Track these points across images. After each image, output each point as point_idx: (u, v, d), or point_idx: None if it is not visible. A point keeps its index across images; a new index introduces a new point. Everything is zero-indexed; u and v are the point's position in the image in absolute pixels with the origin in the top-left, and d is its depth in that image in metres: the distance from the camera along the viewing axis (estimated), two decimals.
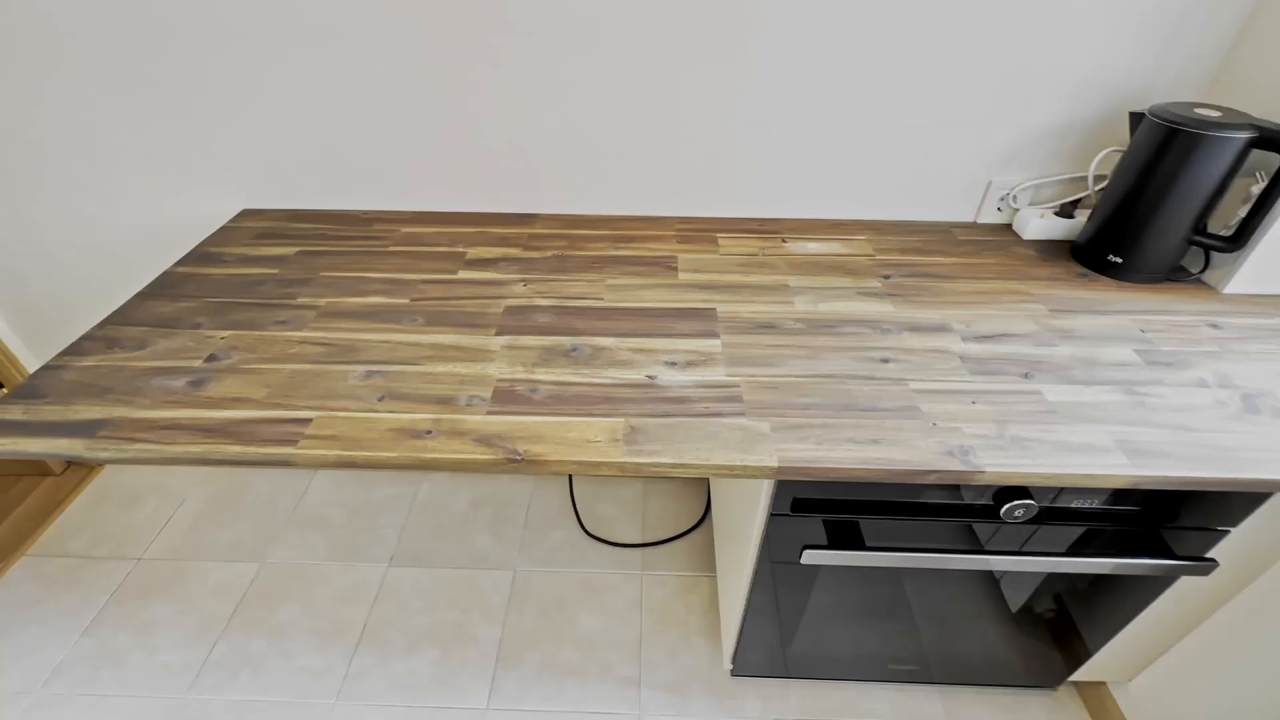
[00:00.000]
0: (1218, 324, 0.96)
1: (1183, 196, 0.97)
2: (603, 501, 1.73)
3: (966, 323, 0.97)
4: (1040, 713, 1.29)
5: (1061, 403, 0.82)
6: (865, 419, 0.79)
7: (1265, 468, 0.73)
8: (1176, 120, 0.94)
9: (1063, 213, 1.18)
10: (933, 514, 0.88)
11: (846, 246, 1.17)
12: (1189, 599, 1.00)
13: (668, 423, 0.79)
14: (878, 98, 1.12)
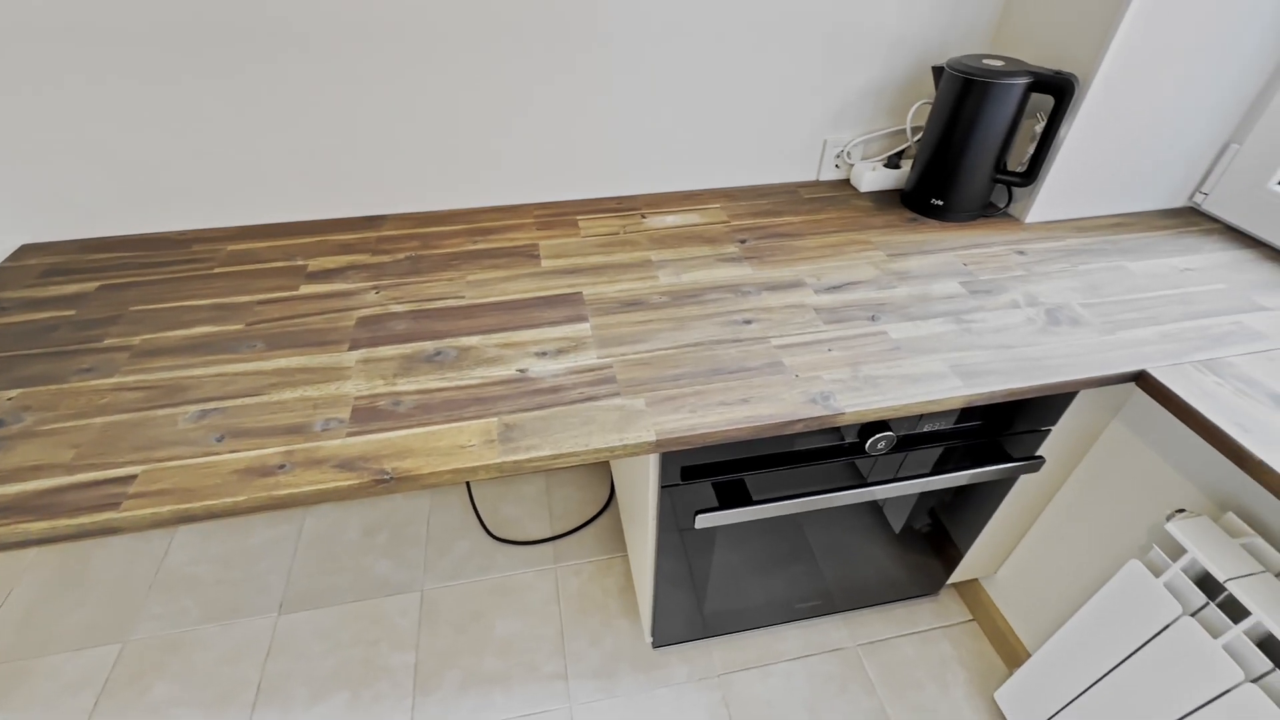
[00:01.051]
0: (1023, 250, 1.09)
1: (983, 140, 1.08)
2: (506, 502, 1.69)
3: (817, 276, 1.02)
4: (929, 617, 1.43)
5: (904, 339, 0.89)
6: (734, 381, 0.82)
7: (1068, 370, 0.84)
8: (969, 71, 1.04)
9: (890, 164, 1.27)
10: (809, 459, 0.93)
11: (703, 216, 1.20)
12: (1029, 494, 1.14)
13: (543, 415, 0.77)
14: (716, 69, 1.15)
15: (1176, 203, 1.20)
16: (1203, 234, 1.13)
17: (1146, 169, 1.13)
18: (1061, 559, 1.15)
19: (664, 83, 1.14)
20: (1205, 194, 1.17)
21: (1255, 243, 1.10)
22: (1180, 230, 1.14)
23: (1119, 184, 1.15)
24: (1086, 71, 1.01)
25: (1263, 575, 0.76)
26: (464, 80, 1.08)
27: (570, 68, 1.10)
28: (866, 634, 1.40)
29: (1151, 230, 1.14)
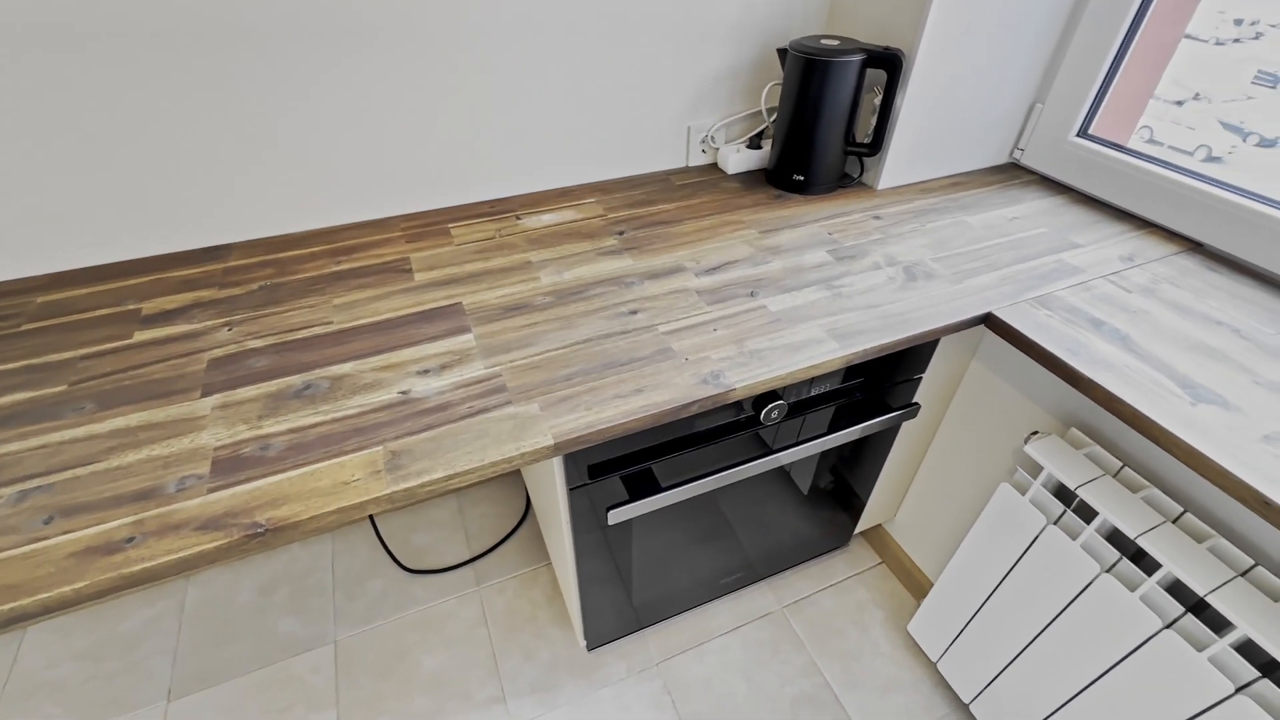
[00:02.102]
0: (879, 215, 1.17)
1: (830, 115, 1.15)
2: (417, 531, 1.61)
3: (696, 259, 1.04)
4: (843, 567, 1.52)
5: (782, 310, 0.93)
6: (626, 372, 0.82)
7: (928, 321, 0.91)
8: (809, 52, 1.10)
9: (752, 145, 1.32)
10: (711, 437, 0.95)
11: (579, 211, 1.19)
12: (912, 439, 1.23)
13: (433, 435, 0.73)
14: (573, 62, 1.13)
15: (1000, 159, 1.34)
16: (1024, 185, 1.26)
17: (972, 131, 1.25)
18: (947, 493, 1.26)
19: (522, 79, 1.12)
20: (1022, 150, 1.31)
21: (1065, 189, 1.25)
22: (1005, 184, 1.27)
23: (952, 147, 1.26)
24: (911, 46, 1.09)
25: (1104, 479, 0.87)
26: (304, 89, 0.99)
27: (420, 68, 1.04)
28: (790, 594, 1.46)
29: (983, 186, 1.26)
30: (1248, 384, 0.80)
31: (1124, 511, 0.83)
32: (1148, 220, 1.13)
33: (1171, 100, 4.31)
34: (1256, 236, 0.99)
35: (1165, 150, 1.17)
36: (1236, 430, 0.74)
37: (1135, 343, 0.87)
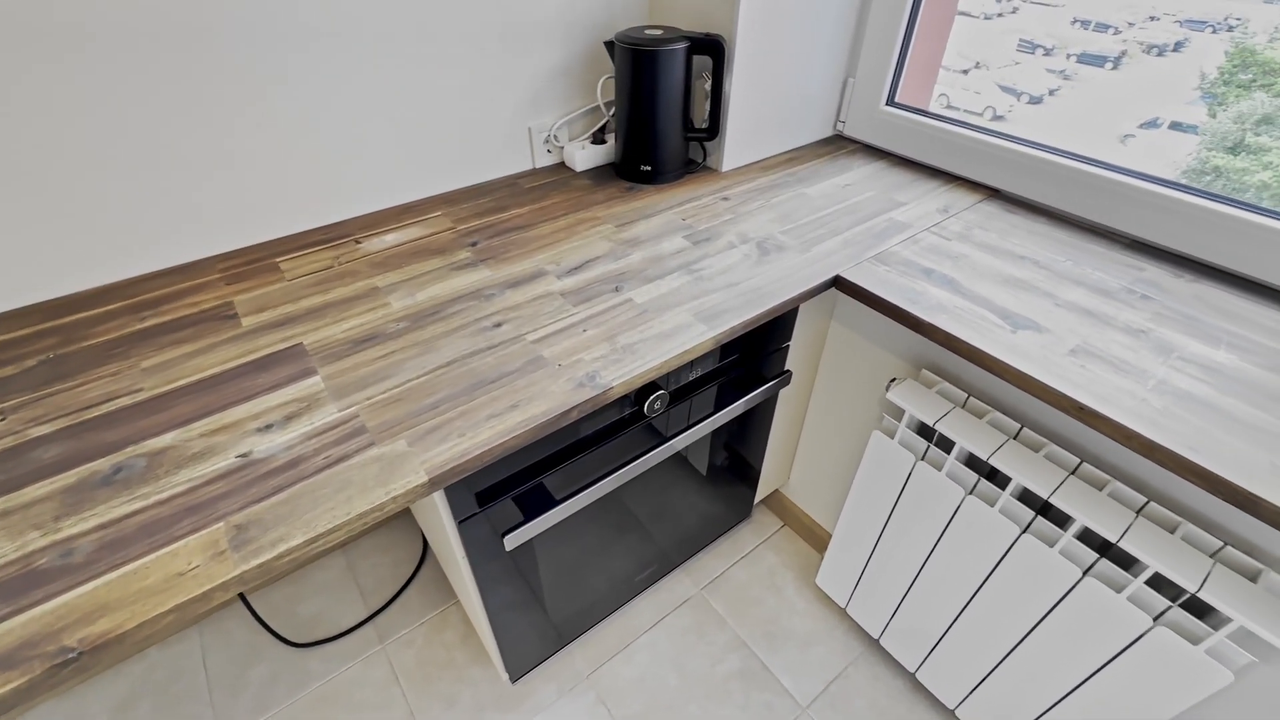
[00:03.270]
0: (727, 196, 1.21)
1: (665, 103, 1.16)
2: (302, 600, 1.45)
3: (556, 261, 1.02)
4: (750, 538, 1.57)
5: (648, 301, 0.93)
6: (498, 389, 0.77)
7: (786, 291, 0.95)
8: (635, 43, 1.11)
9: (597, 140, 1.32)
10: (600, 439, 0.93)
11: (425, 227, 1.12)
12: (791, 404, 1.29)
13: (285, 497, 0.65)
14: (403, 75, 1.06)
15: (827, 132, 1.44)
16: (850, 154, 1.36)
17: (798, 108, 1.33)
18: (830, 449, 1.33)
19: (334, 92, 1.02)
20: (843, 122, 1.41)
21: (884, 154, 1.36)
22: (834, 155, 1.36)
23: (783, 125, 1.33)
24: (730, 32, 1.13)
25: (955, 411, 0.95)
26: (74, 118, 0.84)
27: (217, 88, 0.92)
28: (706, 575, 1.49)
29: (816, 159, 1.35)
30: (1051, 307, 0.91)
31: (975, 437, 0.91)
32: (954, 174, 1.26)
33: (959, 70, 4.88)
34: (1040, 179, 1.13)
35: (961, 113, 1.31)
36: (1049, 349, 0.84)
37: (961, 285, 0.96)
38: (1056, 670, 0.93)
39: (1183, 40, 4.55)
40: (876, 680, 1.30)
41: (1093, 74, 4.89)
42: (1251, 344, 0.84)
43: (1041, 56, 4.99)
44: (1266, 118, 3.48)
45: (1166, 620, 0.79)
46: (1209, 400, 0.76)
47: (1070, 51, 4.92)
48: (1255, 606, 0.70)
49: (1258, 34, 3.46)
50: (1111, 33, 4.84)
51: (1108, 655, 0.85)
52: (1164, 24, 4.58)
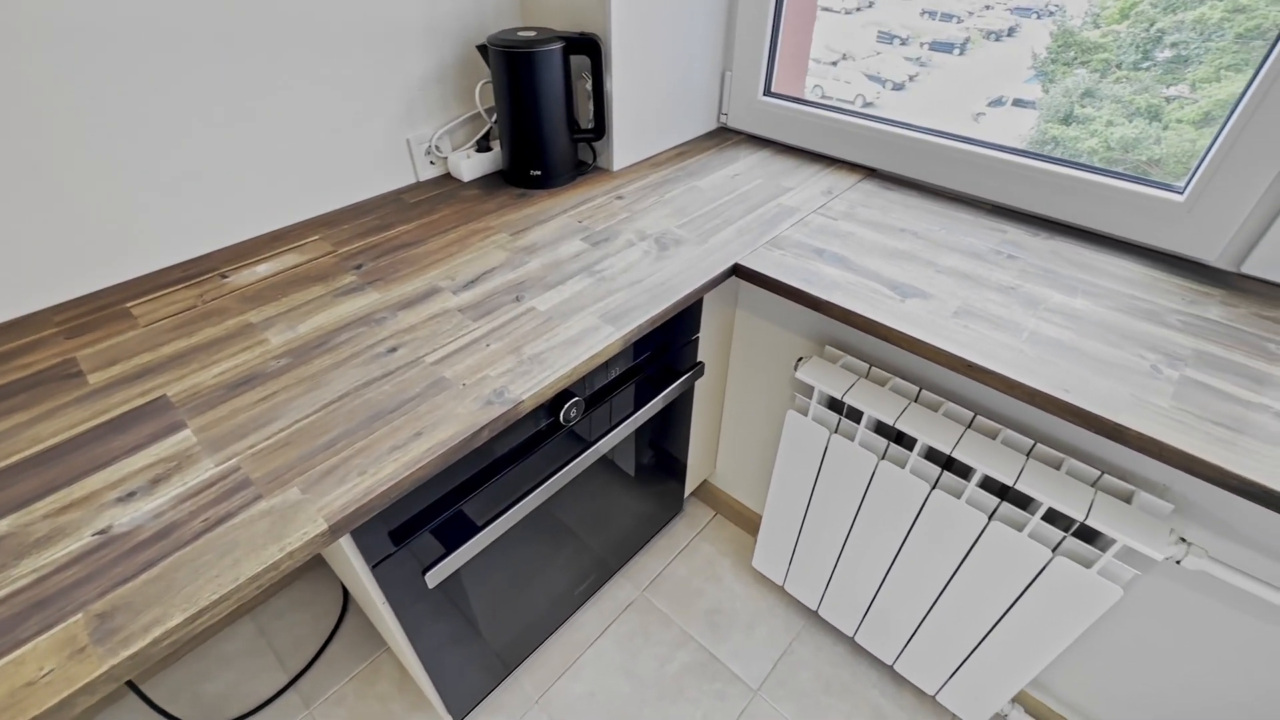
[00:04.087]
0: (621, 195, 1.20)
1: (547, 106, 1.14)
2: (208, 678, 1.30)
3: (451, 276, 0.97)
4: (685, 531, 1.58)
5: (552, 308, 0.90)
6: (399, 418, 0.72)
7: (688, 283, 0.95)
8: (509, 45, 1.07)
9: (482, 148, 1.27)
10: (518, 456, 0.90)
11: (302, 253, 1.03)
12: (708, 394, 1.31)
13: (157, 573, 0.57)
14: (270, 92, 0.97)
15: (711, 125, 1.47)
16: (736, 145, 1.40)
17: (682, 103, 1.34)
18: (751, 433, 1.36)
19: (211, 121, 0.92)
20: (726, 114, 1.45)
21: (767, 142, 1.40)
22: (721, 146, 1.39)
23: (668, 120, 1.34)
24: (605, 30, 1.13)
25: (860, 382, 1.00)
26: None
27: (31, 105, 0.80)
28: (646, 576, 1.48)
29: (703, 152, 1.37)
30: (933, 274, 0.97)
31: (880, 404, 0.96)
32: (834, 157, 1.32)
33: (828, 62, 5.14)
34: (910, 157, 1.21)
35: (835, 101, 1.37)
36: (935, 313, 0.89)
37: (851, 261, 1.00)
38: (977, 612, 1.00)
39: (1015, 26, 5.04)
40: (820, 650, 1.35)
41: (944, 60, 5.32)
42: (1102, 290, 0.93)
43: (899, 46, 5.38)
44: (1089, 91, 3.91)
45: (1063, 550, 0.86)
46: (1074, 345, 0.83)
47: (923, 41, 5.33)
48: (1133, 525, 0.78)
49: (1075, 17, 3.88)
50: (955, 22, 5.28)
51: (1018, 590, 0.92)
52: (998, 12, 5.04)
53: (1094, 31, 3.92)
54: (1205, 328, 0.85)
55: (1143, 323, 0.87)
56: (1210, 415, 0.72)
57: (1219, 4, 3.34)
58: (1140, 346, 0.82)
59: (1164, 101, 3.39)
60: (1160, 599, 0.90)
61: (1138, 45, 3.72)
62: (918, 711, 1.24)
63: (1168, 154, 3.46)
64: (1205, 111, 3.83)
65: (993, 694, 1.06)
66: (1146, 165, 3.42)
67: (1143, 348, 0.82)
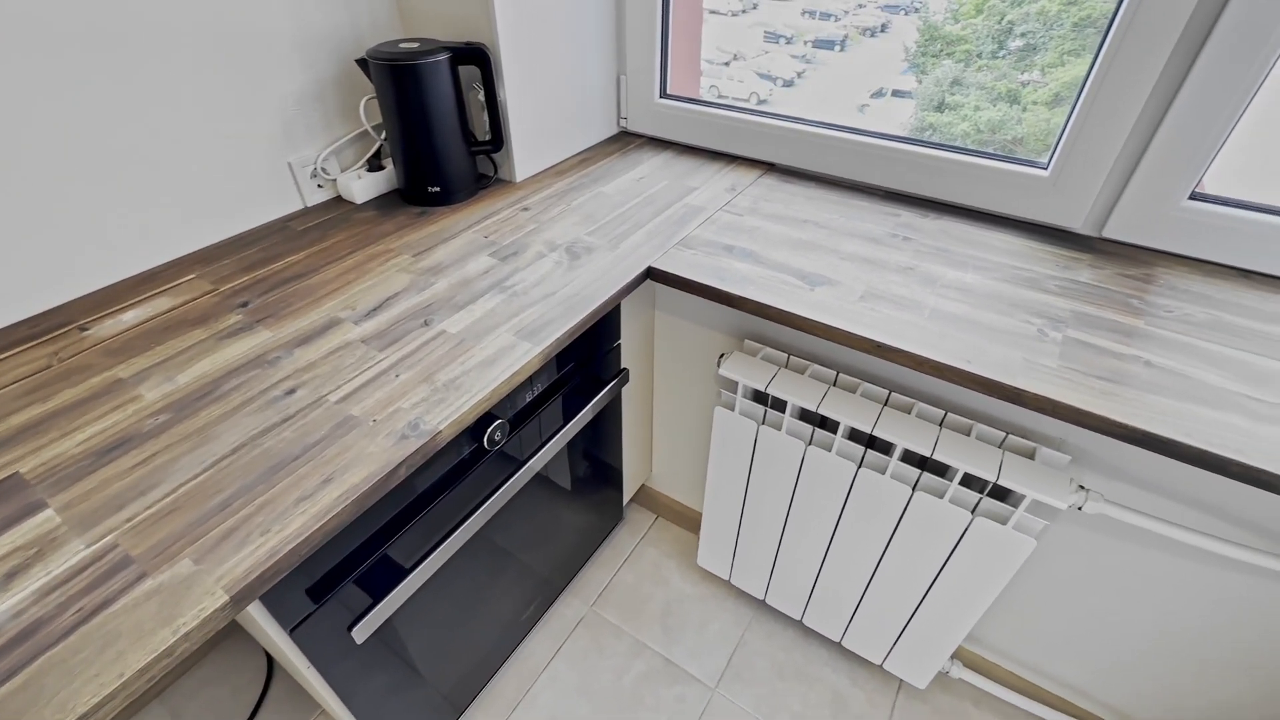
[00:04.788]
0: (526, 206, 1.17)
1: (439, 119, 1.09)
2: None
3: (351, 306, 0.91)
4: (628, 539, 1.56)
5: (464, 329, 0.86)
6: (303, 466, 0.66)
7: (603, 291, 0.93)
8: (391, 58, 1.02)
9: (373, 167, 1.20)
10: (443, 487, 0.85)
11: (176, 295, 0.93)
12: (636, 399, 1.30)
13: (20, 682, 0.49)
14: (120, 121, 0.87)
15: (612, 130, 1.46)
16: (638, 148, 1.40)
17: (580, 109, 1.33)
18: (683, 433, 1.36)
19: (15, 145, 0.81)
20: (625, 118, 1.45)
21: (668, 144, 1.41)
22: (624, 151, 1.39)
23: (568, 127, 1.32)
24: (492, 40, 1.09)
25: (781, 372, 1.02)
26: None
27: None
28: (593, 589, 1.45)
29: (606, 157, 1.36)
30: (837, 261, 1.01)
31: (801, 392, 0.98)
32: (734, 155, 1.35)
33: (720, 63, 5.28)
34: (805, 150, 1.25)
35: (730, 100, 1.40)
36: (842, 299, 0.92)
37: (760, 255, 1.02)
38: (911, 580, 1.04)
39: (886, 23, 5.36)
40: (771, 637, 1.37)
41: (828, 56, 5.60)
42: (988, 263, 1.00)
43: (785, 45, 5.63)
44: (956, 80, 4.19)
45: (981, 511, 0.91)
46: (970, 317, 0.88)
47: (806, 39, 5.59)
48: (1038, 480, 0.84)
49: (937, 13, 4.15)
50: (834, 20, 5.57)
51: (945, 554, 0.96)
52: (870, 9, 5.35)
53: (955, 25, 4.24)
54: (1079, 290, 0.93)
55: (1026, 290, 0.93)
56: (1092, 370, 0.78)
57: None
58: (1026, 313, 0.89)
59: (1020, 86, 3.72)
60: (1068, 544, 0.97)
61: (993, 36, 4.06)
62: (868, 682, 1.29)
63: (1028, 133, 3.79)
64: (1055, 93, 4.21)
65: (933, 654, 1.12)
66: (1012, 144, 3.73)
67: (1029, 314, 0.88)
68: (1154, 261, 0.99)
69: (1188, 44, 0.87)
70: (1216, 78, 0.85)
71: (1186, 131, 0.90)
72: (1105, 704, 1.13)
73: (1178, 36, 0.86)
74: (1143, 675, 1.04)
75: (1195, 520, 0.84)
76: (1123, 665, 1.05)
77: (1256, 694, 0.95)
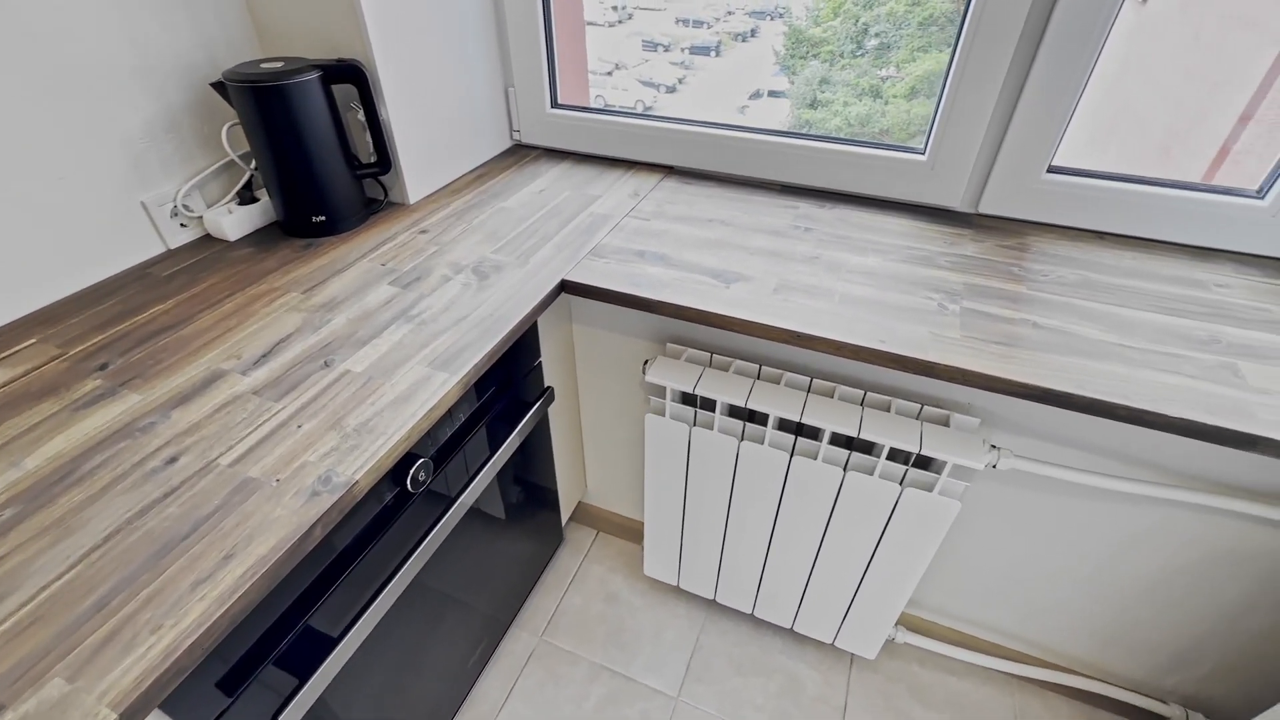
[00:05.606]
0: (425, 228, 1.11)
1: (316, 143, 1.01)
2: None
3: (236, 355, 0.81)
4: (570, 559, 1.52)
5: (370, 366, 0.79)
6: (196, 544, 0.58)
7: (517, 309, 0.90)
8: (251, 79, 0.93)
9: (245, 200, 1.10)
10: (367, 540, 0.78)
11: (15, 365, 0.80)
12: (564, 417, 1.26)
13: None
14: None
15: (506, 143, 1.42)
16: (535, 161, 1.37)
17: (470, 124, 1.28)
18: (615, 444, 1.34)
19: None
20: (519, 130, 1.41)
21: (566, 154, 1.39)
22: (521, 164, 1.35)
23: (460, 143, 1.27)
24: (367, 56, 1.03)
25: (706, 372, 1.02)
26: None
27: None
28: (541, 618, 1.40)
29: (504, 171, 1.32)
30: (746, 256, 1.02)
31: (728, 389, 0.98)
32: (633, 160, 1.35)
33: (603, 72, 5.36)
34: (700, 150, 1.27)
35: (619, 108, 1.40)
36: (757, 293, 0.93)
37: (672, 258, 1.02)
38: (852, 558, 1.07)
39: (755, 28, 5.62)
40: (725, 634, 1.37)
41: (705, 62, 5.79)
42: (885, 246, 1.05)
43: (663, 53, 5.76)
44: (824, 78, 4.44)
45: (908, 482, 0.95)
46: (876, 299, 0.92)
47: (683, 46, 5.75)
48: (955, 445, 0.88)
49: (799, 18, 4.40)
50: (706, 28, 5.78)
51: (880, 528, 1.00)
52: (739, 16, 5.59)
53: (816, 28, 4.54)
54: (967, 263, 1.00)
55: (922, 268, 0.99)
56: (990, 337, 0.84)
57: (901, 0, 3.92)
58: (926, 289, 0.94)
59: (881, 81, 4.02)
60: (988, 501, 1.03)
61: (851, 37, 4.38)
62: (822, 662, 1.32)
63: (892, 124, 4.11)
64: (911, 87, 4.57)
65: (879, 625, 1.16)
66: (880, 135, 4.02)
67: (928, 290, 0.94)
68: (1025, 231, 1.08)
69: (1029, 38, 0.95)
70: (1056, 64, 0.95)
71: (1038, 113, 0.99)
72: (1035, 643, 1.22)
73: (1019, 32, 0.95)
74: (1064, 611, 1.13)
75: (1094, 463, 0.92)
76: (1046, 605, 1.14)
77: (1157, 614, 1.05)
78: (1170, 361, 0.80)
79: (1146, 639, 1.10)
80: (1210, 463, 0.86)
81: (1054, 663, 1.22)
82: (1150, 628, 1.08)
